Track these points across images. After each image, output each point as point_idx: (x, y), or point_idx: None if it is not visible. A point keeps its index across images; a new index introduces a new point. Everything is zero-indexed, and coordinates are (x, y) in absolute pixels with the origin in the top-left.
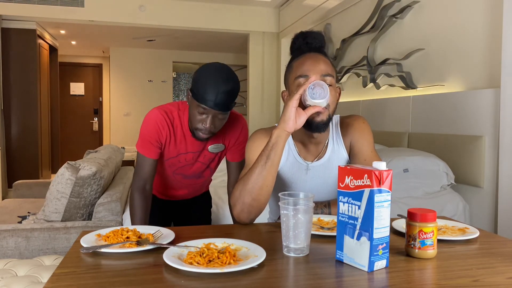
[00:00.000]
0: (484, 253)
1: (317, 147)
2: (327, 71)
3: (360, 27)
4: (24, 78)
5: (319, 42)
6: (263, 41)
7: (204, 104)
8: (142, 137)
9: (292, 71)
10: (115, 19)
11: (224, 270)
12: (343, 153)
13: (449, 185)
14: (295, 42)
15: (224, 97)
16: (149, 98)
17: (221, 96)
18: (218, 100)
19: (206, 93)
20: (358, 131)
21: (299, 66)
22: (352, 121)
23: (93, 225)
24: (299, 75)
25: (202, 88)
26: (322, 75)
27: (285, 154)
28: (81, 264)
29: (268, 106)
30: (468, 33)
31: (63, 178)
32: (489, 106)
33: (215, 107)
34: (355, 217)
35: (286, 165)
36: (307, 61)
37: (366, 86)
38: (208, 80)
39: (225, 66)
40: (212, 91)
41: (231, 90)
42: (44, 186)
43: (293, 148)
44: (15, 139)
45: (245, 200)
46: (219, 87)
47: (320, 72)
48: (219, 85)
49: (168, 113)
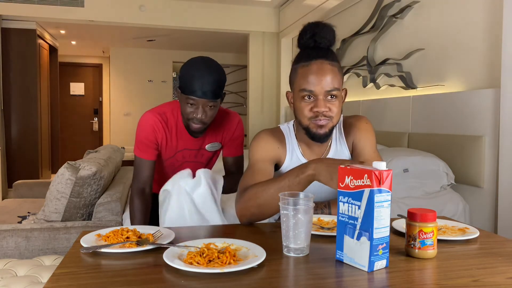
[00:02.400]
0: (484, 253)
1: (320, 148)
2: (333, 85)
3: (360, 27)
4: (24, 78)
5: (328, 41)
6: (263, 41)
7: (192, 95)
8: (138, 140)
9: (297, 78)
10: (115, 19)
11: (224, 270)
12: (346, 153)
13: (449, 185)
14: (302, 37)
15: (210, 85)
16: (149, 98)
17: (207, 84)
18: (204, 89)
19: (192, 85)
20: (361, 131)
21: (304, 76)
22: (355, 121)
23: (93, 225)
24: (304, 88)
25: (188, 81)
26: (327, 91)
27: (289, 154)
28: (81, 264)
29: (268, 106)
30: (468, 33)
31: (63, 178)
32: (489, 106)
33: (203, 96)
34: (355, 217)
35: (290, 165)
36: (312, 73)
37: (366, 86)
38: (193, 72)
39: (208, 58)
40: (197, 81)
41: (217, 78)
42: (44, 186)
43: (296, 148)
44: (15, 139)
45: (250, 210)
46: (204, 77)
47: (325, 87)
48: (203, 75)
49: (162, 114)
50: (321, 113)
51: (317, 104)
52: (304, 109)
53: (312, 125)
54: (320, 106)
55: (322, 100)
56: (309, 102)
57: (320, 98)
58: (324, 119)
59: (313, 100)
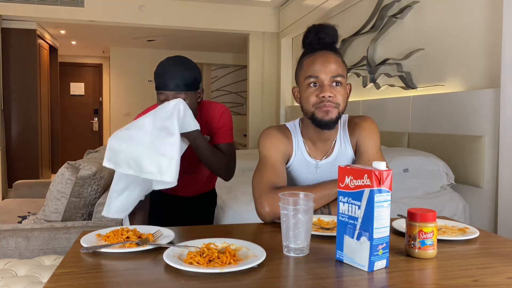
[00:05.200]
0: (484, 253)
1: (325, 145)
2: (337, 72)
3: (360, 27)
4: (24, 78)
5: (331, 37)
6: (263, 41)
7: (162, 89)
8: None
9: (303, 69)
10: (115, 19)
11: (224, 270)
12: (349, 151)
13: (449, 185)
14: (307, 37)
15: (177, 78)
16: (149, 98)
17: (174, 78)
18: (172, 82)
19: (161, 80)
20: (365, 131)
21: (309, 64)
22: (361, 121)
23: (93, 225)
24: (309, 75)
25: (157, 78)
26: (332, 76)
27: (295, 151)
28: (81, 264)
29: (268, 106)
30: (468, 33)
31: (63, 178)
32: (489, 106)
33: (172, 89)
34: (355, 217)
35: (296, 162)
36: (317, 60)
37: (366, 86)
38: (160, 69)
39: (178, 56)
40: (164, 76)
41: (184, 71)
42: (44, 186)
43: (302, 146)
44: (15, 139)
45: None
46: (170, 71)
47: (330, 73)
48: (169, 68)
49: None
50: (327, 99)
51: (322, 90)
52: (310, 96)
53: (317, 111)
54: (326, 91)
55: (328, 85)
56: (314, 89)
57: (326, 83)
58: (330, 104)
59: (318, 87)
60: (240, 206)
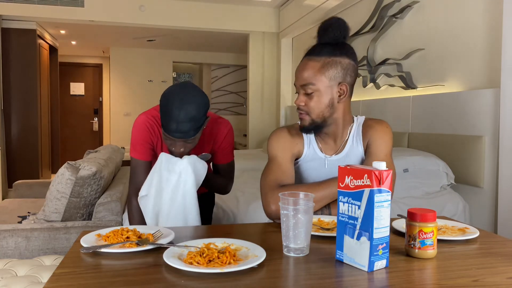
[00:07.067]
0: (484, 253)
1: (335, 143)
2: (307, 80)
3: (360, 27)
4: (24, 78)
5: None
6: (263, 41)
7: (168, 134)
8: (133, 141)
9: None
10: (115, 19)
11: (224, 270)
12: (360, 150)
13: (449, 185)
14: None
15: (185, 126)
16: (149, 98)
17: (182, 125)
18: (180, 130)
19: (168, 124)
20: (378, 132)
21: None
22: (375, 123)
23: (93, 225)
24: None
25: (164, 118)
26: (300, 85)
27: (307, 146)
28: (81, 264)
29: (268, 106)
30: (468, 33)
31: (63, 178)
32: (489, 106)
33: (180, 136)
34: (355, 217)
35: (308, 156)
36: (297, 68)
37: (366, 86)
38: (168, 109)
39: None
40: (172, 121)
41: (192, 117)
42: (44, 186)
43: (314, 142)
44: (15, 139)
45: None
46: (179, 116)
47: (301, 81)
48: (178, 114)
49: (156, 118)
50: (298, 107)
51: (296, 98)
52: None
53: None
54: (296, 99)
55: (301, 94)
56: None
57: (300, 92)
58: (301, 112)
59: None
60: (240, 206)
